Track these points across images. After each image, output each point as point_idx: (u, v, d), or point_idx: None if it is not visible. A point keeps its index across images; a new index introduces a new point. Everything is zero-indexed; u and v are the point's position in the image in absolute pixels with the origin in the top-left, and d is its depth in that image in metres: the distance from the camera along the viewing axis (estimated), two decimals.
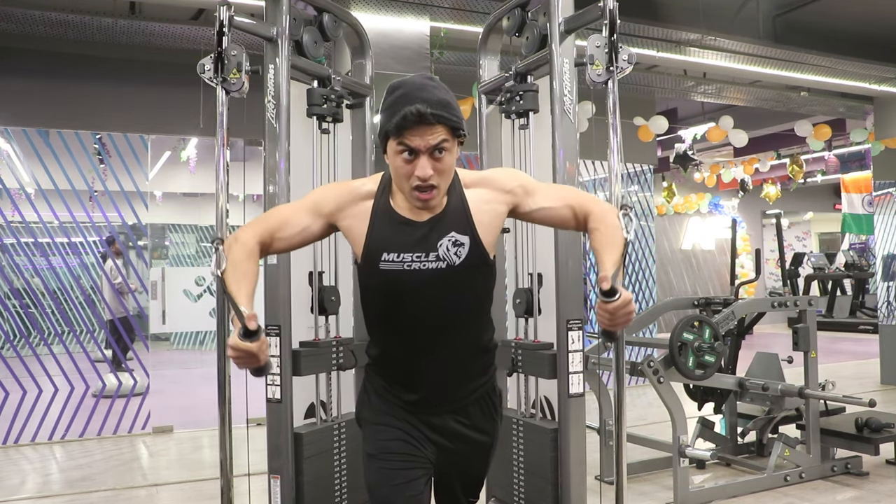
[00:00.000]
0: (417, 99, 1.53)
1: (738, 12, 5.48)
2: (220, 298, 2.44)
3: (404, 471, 1.73)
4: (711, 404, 4.38)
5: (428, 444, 1.77)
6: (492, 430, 1.86)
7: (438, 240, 1.64)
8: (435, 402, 1.76)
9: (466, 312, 1.72)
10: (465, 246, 1.66)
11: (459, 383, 1.77)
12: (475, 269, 1.68)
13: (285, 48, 2.56)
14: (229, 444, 2.41)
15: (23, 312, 6.61)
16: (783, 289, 12.12)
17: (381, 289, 1.69)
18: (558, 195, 1.77)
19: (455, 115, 1.59)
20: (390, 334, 1.75)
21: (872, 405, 3.70)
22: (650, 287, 7.79)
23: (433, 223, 1.65)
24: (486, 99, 3.08)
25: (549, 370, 2.57)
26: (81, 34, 4.99)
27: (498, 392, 1.90)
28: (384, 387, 1.80)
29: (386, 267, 1.64)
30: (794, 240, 16.31)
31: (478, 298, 1.75)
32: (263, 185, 2.55)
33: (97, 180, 6.17)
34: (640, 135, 7.06)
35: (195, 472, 4.51)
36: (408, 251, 1.64)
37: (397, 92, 1.59)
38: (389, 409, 1.78)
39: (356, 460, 2.89)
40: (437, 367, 1.73)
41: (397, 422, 1.77)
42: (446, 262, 1.64)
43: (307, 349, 2.71)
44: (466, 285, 1.69)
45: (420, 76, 1.63)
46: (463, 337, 1.74)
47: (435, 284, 1.65)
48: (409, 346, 1.73)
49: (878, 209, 7.60)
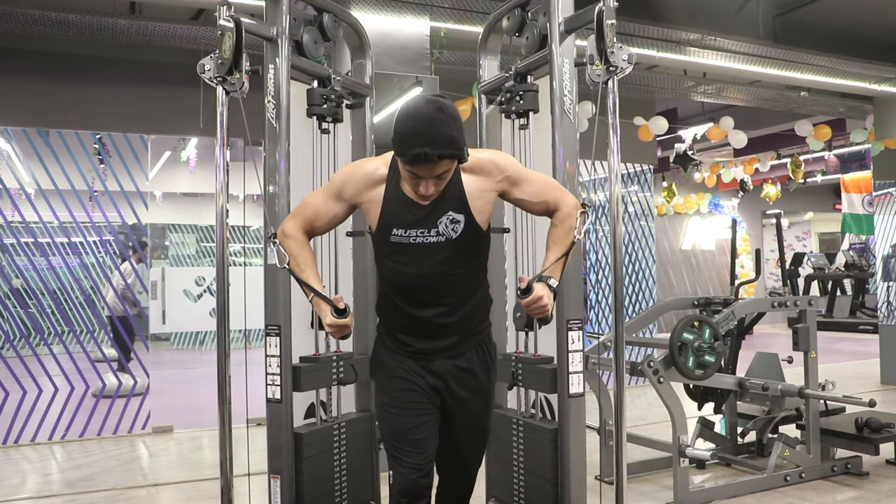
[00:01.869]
0: (426, 140, 1.79)
1: (738, 12, 5.48)
2: (219, 298, 2.44)
3: (413, 416, 2.06)
4: (711, 404, 4.38)
5: (433, 392, 2.08)
6: (488, 375, 2.17)
7: (438, 218, 1.98)
8: (437, 348, 2.07)
9: (462, 274, 2.05)
10: (461, 223, 2.00)
11: (457, 331, 2.08)
12: (469, 240, 2.02)
13: (285, 48, 2.56)
14: (229, 444, 2.41)
15: (23, 312, 6.61)
16: (783, 289, 12.11)
17: (391, 256, 2.05)
18: (537, 191, 2.08)
19: (457, 148, 1.84)
20: (398, 292, 2.07)
21: (872, 405, 3.70)
22: (650, 287, 7.78)
23: (434, 205, 1.98)
24: (486, 99, 3.08)
25: (550, 385, 2.56)
26: (81, 34, 4.99)
27: (493, 343, 2.21)
28: (394, 339, 2.11)
29: (395, 240, 2.01)
30: (794, 240, 16.31)
31: (472, 262, 2.07)
32: (263, 185, 2.55)
33: (97, 180, 6.17)
34: (640, 135, 7.05)
35: (195, 472, 4.51)
36: (413, 227, 1.99)
37: (408, 125, 1.82)
38: (399, 362, 2.09)
39: (356, 460, 2.89)
40: (438, 319, 2.05)
41: (406, 374, 2.08)
42: (445, 237, 1.99)
43: (307, 364, 2.70)
44: (462, 253, 2.03)
45: (431, 106, 1.82)
46: (459, 293, 2.07)
47: (435, 253, 2.00)
48: (413, 301, 2.05)
49: (878, 209, 7.59)
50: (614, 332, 2.40)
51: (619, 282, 2.41)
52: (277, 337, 2.50)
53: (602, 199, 8.23)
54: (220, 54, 2.28)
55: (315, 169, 2.86)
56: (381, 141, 3.51)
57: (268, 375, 2.51)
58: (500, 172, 2.03)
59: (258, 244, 11.98)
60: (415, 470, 2.02)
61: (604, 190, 8.06)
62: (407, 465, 2.03)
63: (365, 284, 3.07)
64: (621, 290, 2.42)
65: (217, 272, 2.46)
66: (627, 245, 7.69)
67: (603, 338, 4.08)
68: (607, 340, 3.87)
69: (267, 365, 2.51)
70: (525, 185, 2.06)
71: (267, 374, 2.51)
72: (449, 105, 1.85)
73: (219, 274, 2.45)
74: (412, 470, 2.02)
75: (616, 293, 2.41)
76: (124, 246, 7.38)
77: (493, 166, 2.03)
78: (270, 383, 2.51)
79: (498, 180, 2.03)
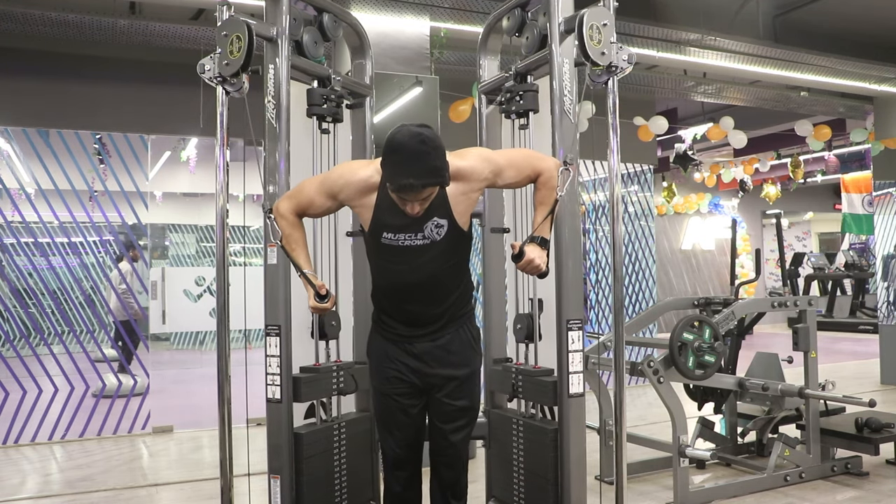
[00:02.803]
0: (412, 172, 2.01)
1: (738, 12, 5.48)
2: (219, 298, 2.44)
3: (398, 399, 2.34)
4: (711, 404, 4.38)
5: (413, 374, 2.33)
6: (466, 355, 2.37)
7: (424, 223, 2.20)
8: (420, 333, 2.32)
9: (446, 269, 2.29)
10: (445, 227, 2.22)
11: (440, 317, 2.31)
12: (452, 241, 2.25)
13: (285, 48, 2.56)
14: (229, 444, 2.41)
15: (23, 312, 6.61)
16: (783, 289, 12.10)
17: (381, 255, 2.29)
18: (518, 170, 2.28)
19: (440, 176, 2.06)
20: (388, 285, 2.33)
21: (872, 405, 3.70)
22: (650, 287, 7.78)
23: (422, 207, 2.16)
24: (486, 99, 3.08)
25: (550, 397, 2.56)
26: (81, 34, 4.99)
27: (476, 328, 2.43)
28: (384, 325, 2.37)
29: (386, 242, 2.24)
30: (794, 240, 16.31)
31: (454, 259, 2.31)
32: (263, 186, 2.55)
33: (97, 180, 6.17)
34: (640, 135, 7.05)
35: (195, 472, 4.51)
36: (401, 231, 2.22)
37: (395, 157, 2.04)
38: (387, 347, 2.35)
39: (356, 460, 2.89)
40: (423, 308, 2.30)
41: (392, 361, 2.34)
42: (430, 239, 2.23)
43: (307, 375, 2.69)
44: (446, 252, 2.26)
45: (415, 140, 2.02)
46: (443, 286, 2.31)
47: (422, 253, 2.24)
48: (402, 294, 2.30)
49: (878, 209, 7.59)
50: (614, 332, 2.40)
51: (619, 282, 2.41)
52: (277, 337, 2.50)
53: (602, 199, 8.23)
54: (225, 55, 2.28)
55: (315, 169, 2.86)
56: (381, 141, 3.50)
57: (268, 375, 2.51)
58: (484, 169, 2.24)
59: (258, 244, 11.97)
60: (400, 442, 2.38)
61: (604, 190, 8.06)
62: (395, 438, 2.38)
63: (364, 284, 3.06)
64: (621, 290, 2.42)
65: (217, 272, 2.46)
66: (627, 245, 7.69)
67: (603, 338, 4.08)
68: (607, 340, 3.87)
69: (267, 365, 2.51)
70: (506, 171, 2.27)
71: (267, 375, 2.51)
72: (431, 136, 2.04)
73: (219, 274, 2.46)
74: (398, 443, 2.38)
75: (616, 293, 2.41)
76: (124, 246, 7.38)
77: (473, 172, 2.23)
78: (270, 383, 2.51)
79: (480, 180, 2.25)
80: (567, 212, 2.46)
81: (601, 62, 2.28)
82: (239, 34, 2.28)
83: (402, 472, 2.40)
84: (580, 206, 2.61)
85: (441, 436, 2.38)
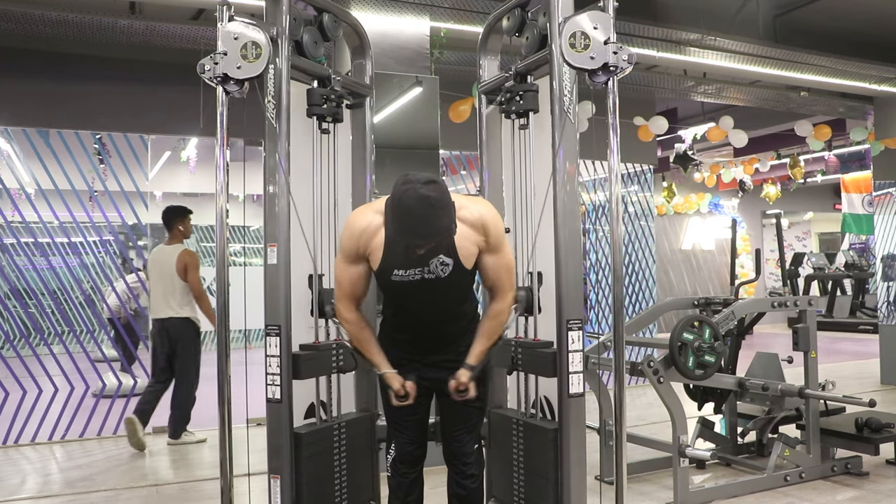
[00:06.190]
0: (419, 233, 2.17)
1: (738, 12, 5.48)
2: (219, 298, 2.44)
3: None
4: (711, 404, 4.38)
5: (432, 382, 2.52)
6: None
7: (430, 260, 2.34)
8: (433, 348, 2.53)
9: (450, 301, 2.51)
10: (450, 266, 2.37)
11: (446, 334, 2.53)
12: (456, 278, 2.40)
13: (285, 48, 2.56)
14: (229, 444, 2.41)
15: (23, 312, 6.61)
16: (783, 289, 12.11)
17: (392, 290, 2.46)
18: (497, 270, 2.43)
19: (444, 233, 2.21)
20: (398, 314, 2.55)
21: (872, 405, 3.70)
22: (650, 287, 7.79)
23: (428, 249, 2.29)
24: (486, 99, 3.08)
25: (550, 368, 2.56)
26: (81, 34, 4.99)
27: None
28: (394, 339, 2.57)
29: (396, 279, 2.39)
30: (794, 240, 16.32)
31: (458, 293, 2.51)
32: (263, 186, 2.55)
33: (97, 180, 6.18)
34: (640, 135, 7.05)
35: (195, 472, 4.51)
36: (410, 268, 2.36)
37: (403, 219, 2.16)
38: (399, 354, 2.53)
39: (356, 460, 2.89)
40: (429, 330, 2.52)
41: (406, 366, 2.51)
42: (435, 275, 2.37)
43: (307, 352, 2.70)
44: (450, 287, 2.43)
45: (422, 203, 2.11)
46: (447, 312, 2.52)
47: (428, 288, 2.40)
48: (411, 320, 2.53)
49: (878, 209, 7.60)
50: (614, 332, 2.40)
51: (619, 282, 2.41)
52: (277, 337, 2.50)
53: (602, 199, 8.23)
54: (236, 58, 2.32)
55: (315, 169, 2.86)
56: (381, 141, 3.51)
57: (268, 375, 2.51)
58: (485, 233, 2.38)
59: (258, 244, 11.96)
60: (409, 442, 2.59)
61: (604, 190, 8.06)
62: (404, 437, 2.59)
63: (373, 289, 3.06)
64: (621, 290, 2.42)
65: (217, 272, 2.46)
66: (627, 245, 7.69)
67: (603, 338, 4.08)
68: (607, 340, 3.87)
69: (267, 365, 2.51)
70: (494, 257, 2.42)
71: (267, 374, 2.51)
72: (438, 198, 2.13)
73: (219, 274, 2.45)
74: (407, 442, 2.59)
75: (616, 293, 2.41)
76: (124, 245, 7.37)
77: (482, 226, 2.37)
78: (270, 383, 2.51)
79: (482, 237, 2.38)
80: (567, 212, 2.46)
81: (587, 66, 2.29)
82: (256, 42, 2.36)
83: (406, 467, 2.63)
84: (580, 206, 2.61)
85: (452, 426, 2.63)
